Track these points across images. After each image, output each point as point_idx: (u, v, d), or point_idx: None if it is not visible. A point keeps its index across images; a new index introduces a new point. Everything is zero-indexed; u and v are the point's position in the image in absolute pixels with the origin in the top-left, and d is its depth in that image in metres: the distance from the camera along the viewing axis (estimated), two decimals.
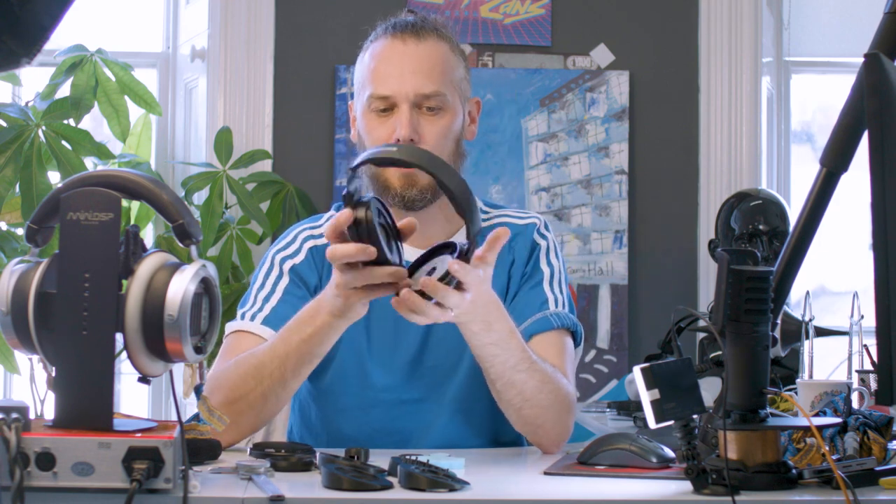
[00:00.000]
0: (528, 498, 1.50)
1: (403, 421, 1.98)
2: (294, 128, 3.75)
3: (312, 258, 2.01)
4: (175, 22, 3.92)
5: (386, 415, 1.99)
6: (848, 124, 1.64)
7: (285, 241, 2.05)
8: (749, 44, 3.82)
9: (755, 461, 1.48)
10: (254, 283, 2.02)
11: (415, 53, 1.95)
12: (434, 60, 1.96)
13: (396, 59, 1.95)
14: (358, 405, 2.00)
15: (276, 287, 1.99)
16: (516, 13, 3.80)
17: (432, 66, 1.95)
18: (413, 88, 1.93)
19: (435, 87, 1.94)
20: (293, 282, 1.98)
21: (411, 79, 1.93)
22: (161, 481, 1.32)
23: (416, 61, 1.94)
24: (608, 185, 3.79)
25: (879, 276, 1.47)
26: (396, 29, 1.97)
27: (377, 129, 1.96)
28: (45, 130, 3.35)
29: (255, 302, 1.98)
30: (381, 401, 1.99)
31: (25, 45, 1.32)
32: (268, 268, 2.02)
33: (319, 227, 2.06)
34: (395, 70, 1.94)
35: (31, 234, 1.41)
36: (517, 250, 2.05)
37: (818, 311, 2.44)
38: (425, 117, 1.94)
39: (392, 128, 1.94)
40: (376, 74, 1.96)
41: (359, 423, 1.99)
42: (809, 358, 2.15)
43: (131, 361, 1.38)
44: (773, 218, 3.35)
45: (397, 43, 1.96)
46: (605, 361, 3.73)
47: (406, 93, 1.93)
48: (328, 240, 1.65)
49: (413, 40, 1.95)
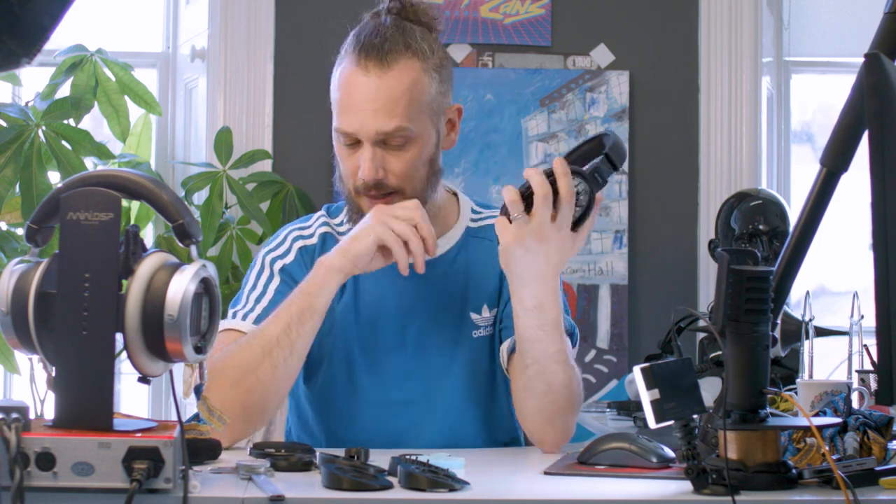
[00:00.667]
0: (528, 498, 1.50)
1: (396, 423, 1.98)
2: (294, 128, 3.75)
3: (302, 258, 2.01)
4: (175, 22, 3.92)
5: (378, 416, 1.99)
6: (848, 124, 1.64)
7: (275, 243, 2.05)
8: (749, 44, 3.82)
9: (755, 461, 1.48)
10: (245, 284, 2.03)
11: (377, 87, 1.87)
12: (398, 93, 1.88)
13: (358, 93, 1.89)
14: (350, 407, 2.00)
15: (267, 287, 1.99)
16: (516, 13, 3.80)
17: (396, 100, 1.88)
18: (374, 127, 1.87)
19: (397, 122, 1.88)
20: (284, 282, 1.99)
21: (372, 118, 1.87)
22: (161, 481, 1.32)
23: (377, 97, 1.87)
24: (608, 185, 3.79)
25: (879, 276, 1.47)
26: (362, 52, 1.89)
27: (346, 161, 1.94)
28: (45, 130, 3.35)
29: (246, 302, 1.98)
30: (372, 402, 1.99)
31: (25, 45, 1.32)
32: (259, 269, 2.02)
33: (308, 227, 2.06)
34: (357, 106, 1.89)
35: (31, 234, 1.41)
36: None
37: (818, 311, 2.44)
38: (391, 152, 1.90)
39: (357, 163, 1.91)
40: (341, 107, 1.91)
41: (353, 425, 1.99)
42: (809, 358, 2.15)
43: (131, 361, 1.38)
44: (773, 218, 3.35)
45: (360, 74, 1.88)
46: (605, 361, 3.73)
47: (367, 132, 1.88)
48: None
49: (377, 70, 1.88)
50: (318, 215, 2.09)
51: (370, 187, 1.91)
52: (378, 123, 1.88)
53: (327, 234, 2.04)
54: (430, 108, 1.93)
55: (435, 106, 1.94)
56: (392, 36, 1.91)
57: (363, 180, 1.90)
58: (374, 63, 1.88)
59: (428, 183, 1.95)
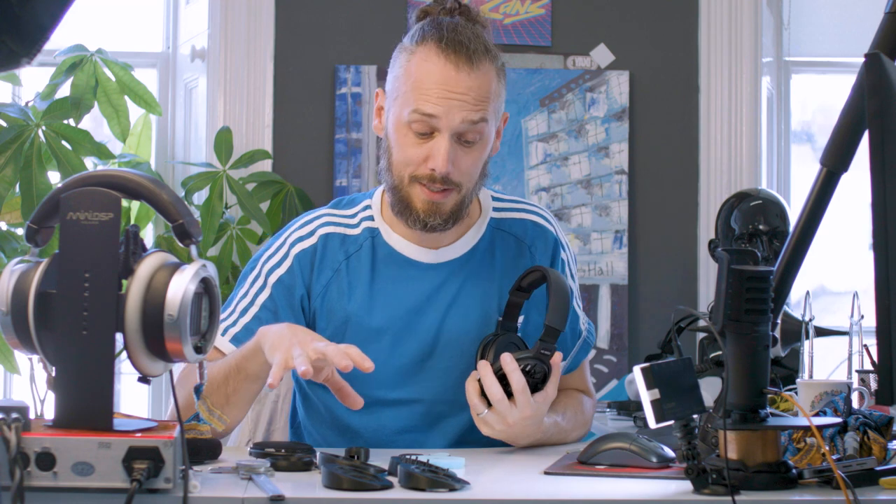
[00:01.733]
0: (528, 498, 1.51)
1: (414, 421, 1.98)
2: (294, 128, 3.75)
3: (299, 265, 1.99)
4: (175, 22, 3.91)
5: (397, 415, 1.98)
6: (848, 124, 1.64)
7: (274, 247, 2.03)
8: (749, 44, 3.82)
9: (755, 461, 1.48)
10: (240, 285, 2.02)
11: (468, 83, 1.88)
12: (485, 91, 1.90)
13: (446, 83, 1.88)
14: (365, 403, 1.99)
15: (255, 299, 1.99)
16: (516, 13, 3.80)
17: (483, 96, 1.89)
18: (461, 116, 1.88)
19: (482, 114, 1.89)
20: (272, 297, 1.98)
21: (459, 107, 1.88)
22: (161, 481, 1.32)
23: (468, 91, 1.88)
24: (608, 185, 3.79)
25: (879, 276, 1.47)
26: (449, 47, 1.89)
27: (411, 148, 1.91)
28: (45, 130, 3.35)
29: (234, 310, 1.98)
30: (386, 400, 1.98)
31: (25, 45, 1.32)
32: (255, 275, 2.01)
33: (308, 226, 2.03)
34: (445, 94, 1.88)
35: (31, 234, 1.41)
36: (538, 259, 2.06)
37: (818, 311, 2.44)
38: (462, 148, 1.91)
39: (427, 153, 1.90)
40: (424, 91, 1.89)
41: (367, 421, 1.99)
42: (809, 358, 2.15)
43: (131, 361, 1.38)
44: (773, 218, 3.35)
45: (449, 68, 1.88)
46: (605, 361, 3.73)
47: (451, 120, 1.88)
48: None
49: (466, 68, 1.88)
50: (322, 213, 2.05)
51: (436, 179, 1.90)
52: (465, 113, 1.88)
53: (329, 234, 2.02)
54: (497, 111, 1.95)
55: (499, 109, 1.97)
56: (474, 36, 1.92)
57: (434, 171, 1.89)
58: (464, 61, 1.88)
59: (478, 184, 1.98)
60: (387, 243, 2.01)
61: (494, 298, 2.01)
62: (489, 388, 1.82)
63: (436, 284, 1.99)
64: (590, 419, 2.10)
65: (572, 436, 2.01)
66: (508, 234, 2.06)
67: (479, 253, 2.03)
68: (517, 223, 2.07)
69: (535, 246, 2.06)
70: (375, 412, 1.97)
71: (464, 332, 1.98)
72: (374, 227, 2.02)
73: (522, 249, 2.05)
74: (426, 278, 1.99)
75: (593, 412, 2.14)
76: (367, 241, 2.01)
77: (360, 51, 3.72)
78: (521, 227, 2.07)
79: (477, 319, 1.99)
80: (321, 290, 1.98)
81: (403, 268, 1.99)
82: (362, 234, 2.02)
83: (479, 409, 1.84)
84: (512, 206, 2.10)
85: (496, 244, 2.04)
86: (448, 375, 1.97)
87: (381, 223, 2.02)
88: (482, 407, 1.83)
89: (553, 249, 2.07)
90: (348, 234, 2.02)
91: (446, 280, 1.99)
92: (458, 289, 2.00)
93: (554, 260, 2.07)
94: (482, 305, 2.00)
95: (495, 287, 2.01)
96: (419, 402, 1.98)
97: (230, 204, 3.58)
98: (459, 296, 1.99)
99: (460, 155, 1.90)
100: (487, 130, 1.92)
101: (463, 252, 2.01)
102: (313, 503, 1.44)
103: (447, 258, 2.01)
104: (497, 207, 2.08)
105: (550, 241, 2.08)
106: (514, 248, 2.04)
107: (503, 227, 2.06)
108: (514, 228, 2.06)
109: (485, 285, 2.01)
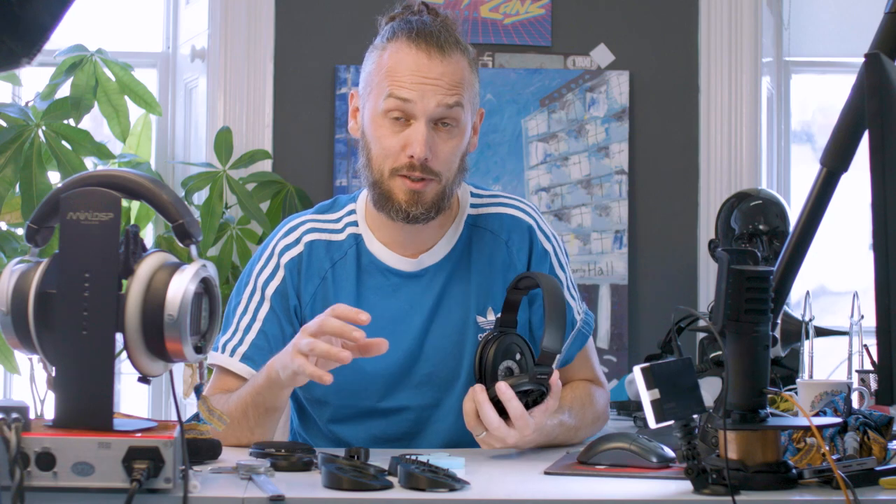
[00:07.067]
0: (528, 498, 1.50)
1: (402, 427, 1.98)
2: (294, 128, 3.75)
3: (290, 274, 1.99)
4: (175, 22, 3.91)
5: (383, 421, 1.98)
6: (848, 124, 1.64)
7: (264, 258, 2.02)
8: (749, 44, 3.82)
9: (755, 461, 1.48)
10: (237, 303, 2.00)
11: (440, 69, 1.90)
12: (458, 77, 1.91)
13: (419, 69, 1.89)
14: (353, 415, 1.99)
15: (256, 314, 1.98)
16: (516, 13, 3.80)
17: (457, 81, 1.91)
18: (436, 99, 1.89)
19: (457, 98, 1.90)
20: (272, 309, 1.97)
21: (433, 91, 1.89)
22: (161, 481, 1.32)
23: (440, 76, 1.90)
24: (608, 185, 3.79)
25: (879, 276, 1.47)
26: (420, 38, 1.91)
27: (388, 139, 1.91)
28: (45, 130, 3.35)
29: (236, 329, 1.97)
30: (377, 408, 1.98)
31: (25, 45, 1.32)
32: (251, 289, 2.00)
33: (293, 233, 2.02)
34: (419, 80, 1.89)
35: (31, 234, 1.41)
36: (514, 252, 2.03)
37: (818, 311, 2.44)
38: (439, 134, 1.91)
39: (405, 141, 1.90)
40: (398, 78, 1.90)
41: (358, 430, 1.99)
42: (809, 358, 2.16)
43: (131, 361, 1.38)
44: (773, 218, 3.35)
45: (421, 56, 1.90)
46: (605, 361, 3.73)
47: (427, 104, 1.89)
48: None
49: (438, 55, 1.90)
50: (306, 219, 2.04)
51: (415, 167, 1.89)
52: (439, 97, 1.89)
53: (314, 241, 2.01)
54: (471, 103, 1.95)
55: (474, 102, 1.97)
56: (444, 30, 1.93)
57: (412, 157, 1.89)
58: (435, 49, 1.90)
59: (458, 177, 1.96)
60: (369, 251, 2.00)
61: (472, 297, 2.00)
62: (485, 416, 1.78)
63: (417, 292, 1.99)
64: (603, 412, 2.07)
65: (582, 433, 1.98)
66: (484, 229, 2.04)
67: (456, 254, 2.02)
68: (493, 218, 2.05)
69: (511, 240, 2.03)
70: (365, 422, 1.98)
71: (446, 336, 1.98)
72: (359, 234, 2.01)
73: (498, 244, 2.03)
74: (408, 286, 1.99)
75: (607, 403, 2.10)
76: (351, 248, 2.00)
77: (360, 51, 3.66)
78: (496, 222, 2.04)
79: (457, 322, 1.99)
80: (310, 299, 1.97)
81: (386, 276, 1.98)
82: (347, 241, 2.01)
83: (477, 432, 1.81)
84: (489, 202, 2.07)
85: (473, 242, 2.03)
86: (433, 380, 1.98)
87: (364, 229, 2.01)
88: (480, 429, 1.81)
89: (529, 239, 2.04)
90: (333, 239, 2.01)
91: (427, 287, 1.99)
92: (440, 294, 1.99)
93: (532, 249, 2.03)
94: (462, 307, 1.99)
95: (473, 286, 2.00)
96: (408, 410, 1.98)
97: (230, 204, 3.58)
98: (441, 301, 1.99)
99: (438, 142, 1.90)
100: (464, 118, 1.92)
101: (442, 256, 2.00)
102: (313, 503, 1.44)
103: (427, 264, 2.00)
104: (474, 203, 2.06)
105: (525, 230, 2.04)
106: (490, 244, 2.02)
107: (479, 224, 2.05)
108: (490, 223, 2.04)
109: (463, 286, 2.00)
